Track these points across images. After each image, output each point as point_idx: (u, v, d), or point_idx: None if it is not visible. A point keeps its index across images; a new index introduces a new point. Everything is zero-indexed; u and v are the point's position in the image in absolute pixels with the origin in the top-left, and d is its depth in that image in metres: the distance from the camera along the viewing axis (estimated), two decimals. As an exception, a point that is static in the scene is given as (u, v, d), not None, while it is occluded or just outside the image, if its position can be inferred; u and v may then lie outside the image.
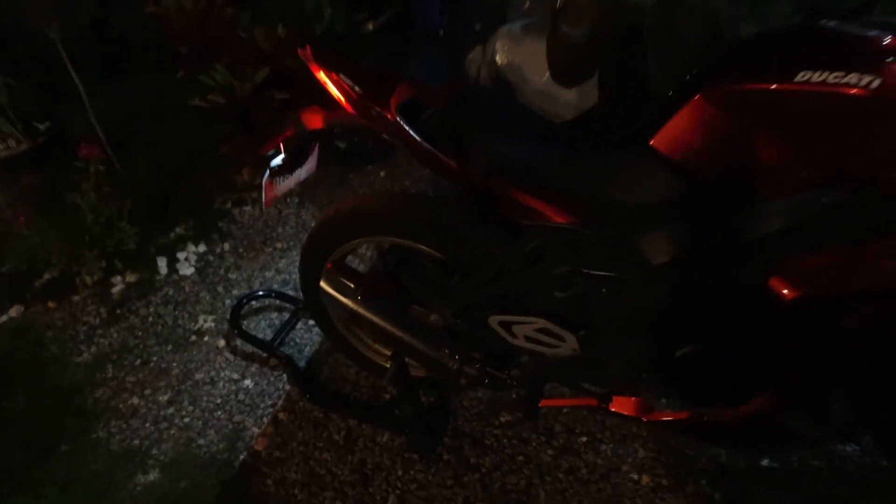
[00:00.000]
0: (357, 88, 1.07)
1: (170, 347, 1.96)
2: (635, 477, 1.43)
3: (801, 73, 0.81)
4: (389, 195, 1.31)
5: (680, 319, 1.09)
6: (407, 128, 1.05)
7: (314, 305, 1.57)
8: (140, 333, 2.02)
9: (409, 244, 1.32)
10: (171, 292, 2.17)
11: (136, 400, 1.79)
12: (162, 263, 2.28)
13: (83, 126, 3.00)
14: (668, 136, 0.97)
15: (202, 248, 2.36)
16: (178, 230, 2.45)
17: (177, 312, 2.09)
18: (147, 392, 1.81)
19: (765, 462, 1.42)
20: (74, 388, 1.85)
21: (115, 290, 2.19)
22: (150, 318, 2.08)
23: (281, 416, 1.68)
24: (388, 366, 1.57)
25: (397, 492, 1.46)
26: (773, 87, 0.84)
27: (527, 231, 1.16)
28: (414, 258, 1.39)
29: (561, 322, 1.18)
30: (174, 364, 1.90)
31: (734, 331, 1.06)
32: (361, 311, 1.31)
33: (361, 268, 2.11)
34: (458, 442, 1.55)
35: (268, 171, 1.28)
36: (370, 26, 2.24)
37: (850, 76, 0.77)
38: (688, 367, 1.14)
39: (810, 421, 1.07)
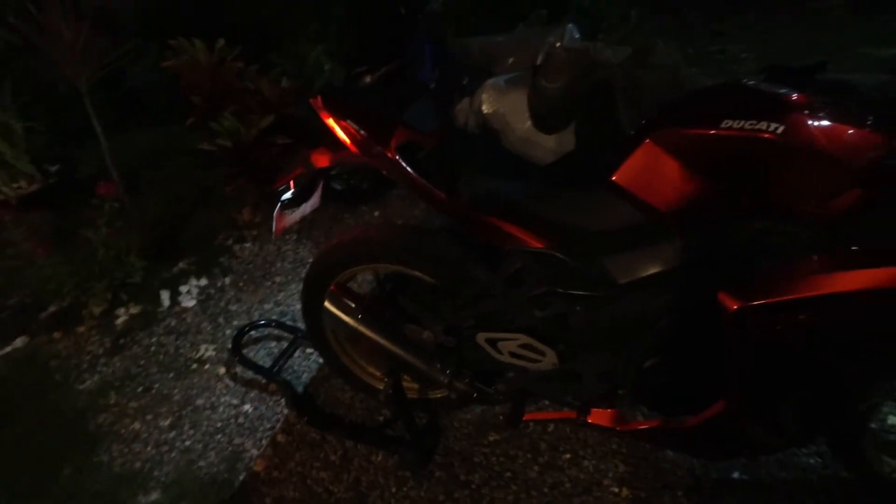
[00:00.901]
0: (363, 131, 1.24)
1: (171, 375, 2.04)
2: (616, 490, 1.51)
3: (725, 121, 0.99)
4: (385, 227, 1.45)
5: (645, 333, 1.23)
6: (405, 164, 1.21)
7: (314, 329, 1.68)
8: (142, 362, 2.11)
9: (404, 270, 1.45)
10: (173, 323, 2.27)
11: (137, 425, 1.86)
12: (165, 296, 2.39)
13: (92, 168, 3.18)
14: (626, 172, 1.14)
15: (204, 281, 2.48)
16: (181, 265, 2.57)
17: (178, 342, 2.18)
18: (149, 417, 1.88)
19: (735, 474, 1.52)
20: (78, 413, 1.91)
21: (118, 321, 2.28)
22: (153, 348, 2.16)
23: (279, 438, 1.75)
24: (382, 387, 1.67)
25: (391, 507, 1.54)
26: (705, 131, 1.02)
27: (507, 256, 1.31)
28: (408, 283, 1.53)
29: (541, 338, 1.31)
30: (175, 391, 1.97)
31: (693, 342, 1.20)
32: (362, 328, 1.43)
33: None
34: (449, 460, 1.63)
35: (279, 204, 1.43)
36: (368, 79, 2.46)
37: (761, 123, 0.95)
38: (656, 378, 1.27)
39: (761, 425, 1.19)
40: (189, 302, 2.36)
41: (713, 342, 1.14)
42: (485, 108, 2.50)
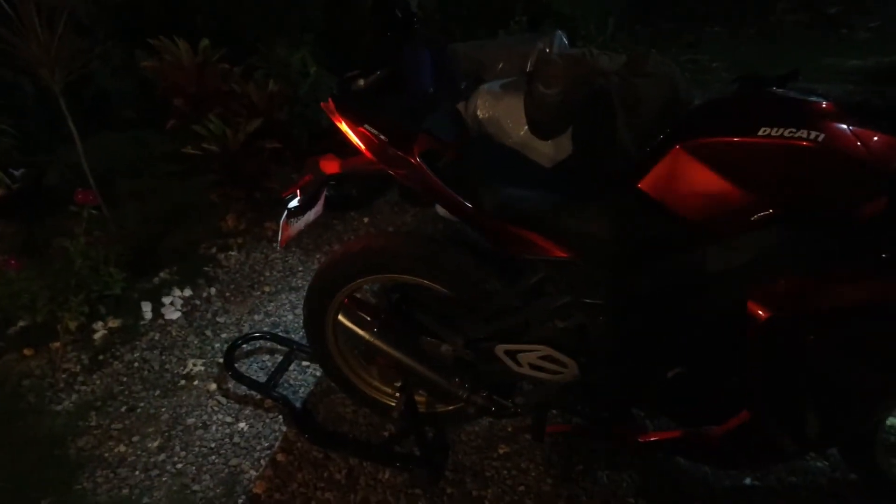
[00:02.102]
0: (382, 136, 1.19)
1: (157, 393, 1.92)
2: (632, 501, 1.49)
3: (762, 129, 0.99)
4: (396, 235, 1.40)
5: (670, 343, 1.22)
6: (429, 172, 1.17)
7: (316, 342, 1.61)
8: (125, 379, 1.98)
9: (417, 281, 1.40)
10: (156, 337, 2.15)
11: (123, 448, 1.74)
12: (147, 308, 2.26)
13: (60, 174, 3.00)
14: (653, 180, 1.13)
15: (188, 292, 2.36)
16: (162, 275, 2.44)
17: (164, 357, 2.06)
18: (135, 439, 1.76)
19: (747, 481, 1.53)
20: (55, 438, 1.77)
21: (97, 335, 2.14)
22: (136, 364, 2.04)
23: (279, 457, 1.67)
24: (392, 403, 1.62)
25: (403, 528, 1.48)
26: (739, 139, 1.02)
27: (530, 266, 1.28)
28: (417, 294, 1.48)
29: (563, 349, 1.28)
30: (163, 409, 1.86)
31: (718, 351, 1.19)
32: (377, 342, 1.37)
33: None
34: (460, 475, 1.58)
35: (286, 213, 1.36)
36: (361, 83, 2.40)
37: (801, 132, 0.95)
38: (678, 388, 1.25)
39: (787, 433, 1.19)
40: (173, 314, 2.24)
41: (738, 351, 1.13)
42: (480, 114, 2.47)
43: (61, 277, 2.05)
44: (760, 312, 1.07)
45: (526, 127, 2.43)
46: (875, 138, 0.98)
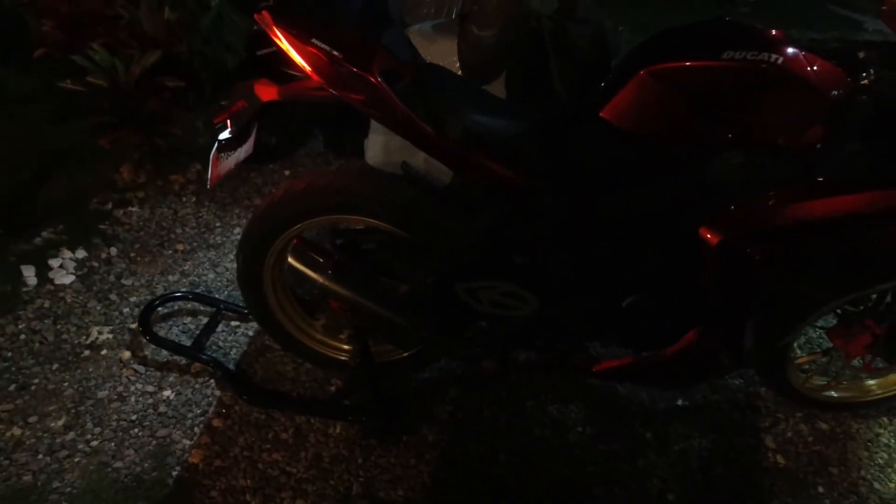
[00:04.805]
0: (336, 52, 1.05)
1: (55, 367, 1.66)
2: (580, 429, 1.56)
3: (726, 53, 1.01)
4: (344, 173, 1.29)
5: (629, 271, 1.25)
6: (392, 93, 1.06)
7: (254, 295, 1.46)
8: (10, 354, 1.68)
9: (367, 222, 1.31)
10: (46, 304, 1.84)
11: (17, 430, 1.49)
12: (29, 273, 1.92)
13: None
14: (616, 107, 1.12)
15: (81, 253, 2.04)
16: (45, 234, 2.09)
17: (59, 326, 1.78)
18: (32, 419, 1.51)
19: (679, 402, 1.66)
20: (-77, 428, 1.47)
21: (-36, 307, 1.79)
22: (22, 336, 1.74)
23: (215, 423, 1.52)
24: (340, 357, 1.54)
25: (360, 479, 1.42)
26: (705, 63, 1.03)
27: (488, 200, 1.24)
28: (365, 237, 1.38)
29: (524, 283, 1.27)
30: (65, 385, 1.61)
31: (673, 277, 1.24)
32: (333, 286, 1.26)
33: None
34: (415, 423, 1.55)
35: (216, 145, 1.19)
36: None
37: (762, 54, 0.99)
38: (633, 315, 1.30)
39: (728, 350, 1.29)
40: (65, 278, 1.93)
41: (692, 275, 1.19)
42: (410, 56, 2.34)
43: None
44: (710, 236, 1.12)
45: (459, 73, 2.35)
46: (816, 66, 1.04)
